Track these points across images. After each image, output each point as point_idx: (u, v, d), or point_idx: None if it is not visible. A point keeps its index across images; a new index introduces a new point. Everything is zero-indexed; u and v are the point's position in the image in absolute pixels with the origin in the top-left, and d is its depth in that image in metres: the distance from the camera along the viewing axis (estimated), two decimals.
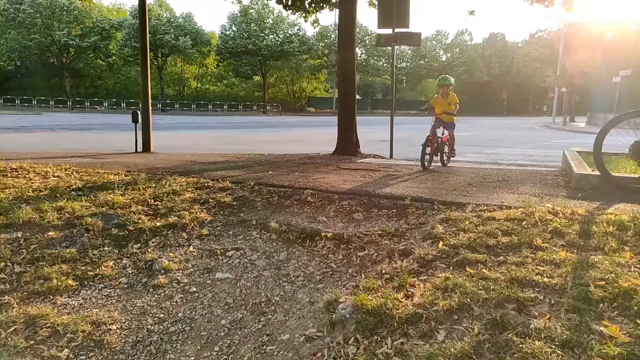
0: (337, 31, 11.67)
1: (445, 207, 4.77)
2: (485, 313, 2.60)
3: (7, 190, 5.43)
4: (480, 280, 2.97)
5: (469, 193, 5.50)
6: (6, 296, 3.44)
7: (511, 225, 3.90)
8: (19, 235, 4.26)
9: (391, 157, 10.00)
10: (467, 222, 4.14)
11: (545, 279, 2.89)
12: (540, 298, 2.70)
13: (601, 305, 2.57)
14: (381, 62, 64.48)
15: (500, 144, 15.83)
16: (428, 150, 7.53)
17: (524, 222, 3.97)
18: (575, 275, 2.91)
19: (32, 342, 2.99)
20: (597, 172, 5.64)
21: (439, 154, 7.84)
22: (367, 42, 61.13)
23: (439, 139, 7.80)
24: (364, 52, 62.39)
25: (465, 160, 9.96)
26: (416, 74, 68.29)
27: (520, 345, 2.26)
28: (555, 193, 5.49)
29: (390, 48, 10.30)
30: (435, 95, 8.15)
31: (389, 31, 9.89)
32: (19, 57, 48.28)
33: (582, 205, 4.65)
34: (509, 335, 2.37)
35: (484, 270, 3.13)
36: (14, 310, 3.28)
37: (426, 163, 7.50)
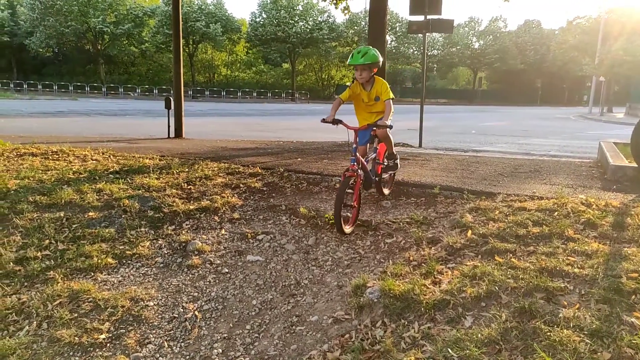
0: (367, 18, 11.58)
1: (475, 196, 4.75)
2: (514, 301, 2.61)
3: (49, 172, 5.68)
4: (509, 269, 2.98)
5: (499, 183, 5.45)
6: (51, 272, 3.65)
7: (542, 216, 3.86)
8: (62, 214, 4.48)
9: (420, 146, 9.93)
10: (497, 211, 4.13)
11: (576, 270, 2.87)
12: (570, 288, 2.69)
13: (633, 297, 2.55)
14: (411, 50, 63.41)
15: (533, 134, 15.46)
16: (350, 199, 4.18)
17: (556, 213, 3.92)
18: (607, 267, 2.88)
19: (75, 314, 3.17)
20: (634, 164, 5.49)
21: (373, 184, 4.64)
22: (397, 29, 60.20)
23: (368, 161, 4.50)
24: (394, 39, 61.45)
25: (496, 150, 9.81)
26: (447, 62, 66.89)
27: (548, 333, 2.28)
28: (589, 184, 5.38)
29: (422, 35, 10.17)
30: (348, 84, 4.56)
31: (420, 18, 9.75)
32: (56, 44, 49.60)
33: (616, 197, 4.56)
34: (537, 323, 2.38)
35: (513, 259, 3.13)
36: (59, 284, 3.48)
37: (346, 226, 4.16)
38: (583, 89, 64.92)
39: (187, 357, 2.88)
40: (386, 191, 5.12)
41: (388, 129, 4.38)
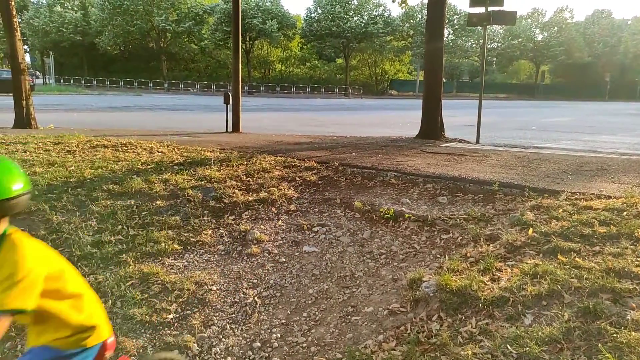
0: (424, 11, 11.40)
1: (537, 194, 4.61)
2: (577, 301, 2.54)
3: (120, 163, 6.08)
4: (573, 269, 2.89)
5: (563, 181, 5.25)
6: (123, 255, 3.93)
7: (610, 216, 3.70)
8: (132, 202, 4.79)
9: (477, 142, 9.68)
10: (561, 210, 3.99)
11: None
12: (638, 290, 2.58)
13: None
14: (469, 43, 61.40)
15: (600, 131, 14.62)
16: None
17: (625, 213, 3.74)
18: None
19: (146, 295, 3.41)
20: None
21: None
22: (455, 22, 58.48)
23: None
24: (451, 32, 59.70)
25: (560, 147, 9.38)
26: (507, 55, 64.12)
27: (614, 335, 2.20)
28: None
29: (481, 28, 9.87)
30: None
31: (481, 10, 9.47)
32: (123, 42, 52.41)
33: None
34: (602, 324, 2.31)
35: (577, 259, 3.03)
36: (130, 267, 3.75)
37: None
38: None
39: (248, 339, 3.02)
40: None
41: None
